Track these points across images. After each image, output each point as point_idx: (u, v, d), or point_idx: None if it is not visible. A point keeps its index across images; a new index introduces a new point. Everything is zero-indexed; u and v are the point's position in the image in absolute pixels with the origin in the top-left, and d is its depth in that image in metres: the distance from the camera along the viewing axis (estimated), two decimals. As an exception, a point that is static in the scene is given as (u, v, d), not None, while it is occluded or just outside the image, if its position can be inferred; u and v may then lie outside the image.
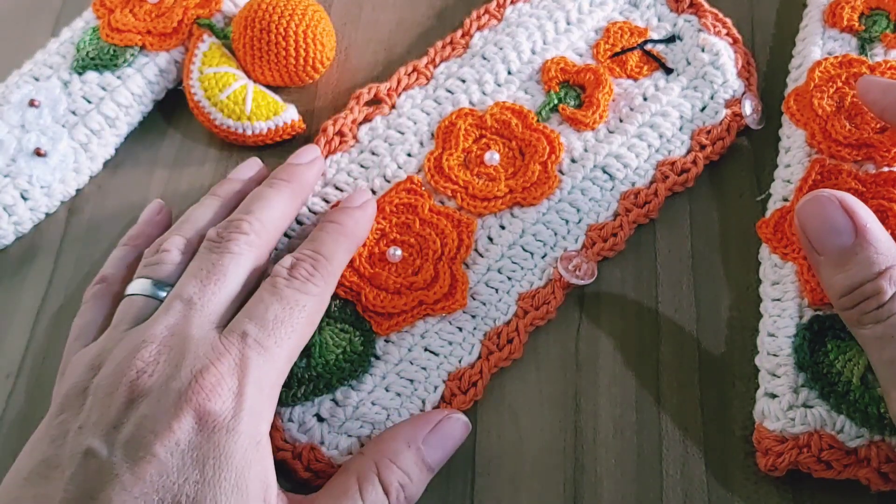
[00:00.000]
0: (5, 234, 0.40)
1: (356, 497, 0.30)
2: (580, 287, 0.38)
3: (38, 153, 0.40)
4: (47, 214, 0.41)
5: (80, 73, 0.42)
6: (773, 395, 0.33)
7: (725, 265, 0.38)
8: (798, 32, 0.44)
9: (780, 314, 0.35)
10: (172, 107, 0.43)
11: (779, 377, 0.33)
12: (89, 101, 0.41)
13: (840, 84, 0.39)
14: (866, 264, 0.30)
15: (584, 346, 0.36)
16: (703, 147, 0.40)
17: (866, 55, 0.41)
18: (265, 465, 0.29)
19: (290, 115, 0.41)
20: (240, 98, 0.41)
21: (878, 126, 0.38)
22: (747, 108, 0.41)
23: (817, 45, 0.42)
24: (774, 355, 0.34)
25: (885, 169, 0.36)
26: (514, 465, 0.34)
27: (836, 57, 0.41)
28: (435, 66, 0.43)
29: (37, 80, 0.42)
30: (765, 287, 0.36)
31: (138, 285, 0.33)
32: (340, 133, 0.41)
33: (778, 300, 0.35)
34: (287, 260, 0.33)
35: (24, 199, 0.40)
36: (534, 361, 0.36)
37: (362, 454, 0.32)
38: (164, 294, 0.33)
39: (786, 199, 0.38)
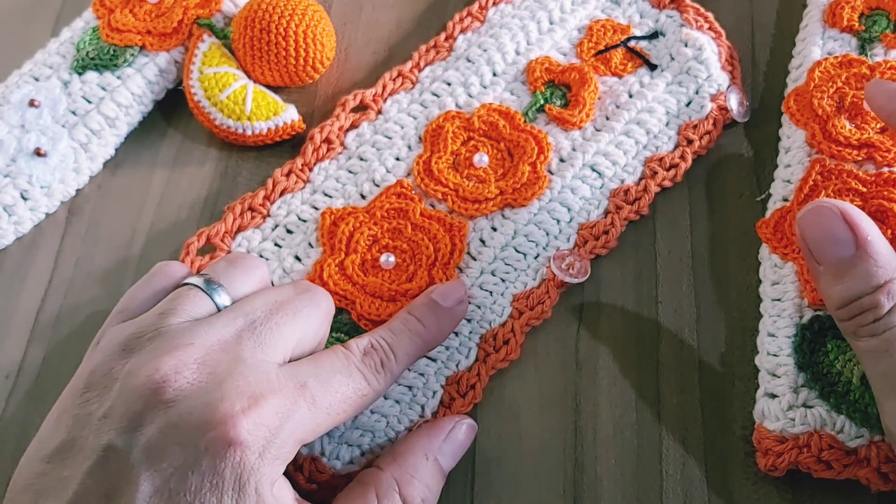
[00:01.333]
0: (5, 234, 0.40)
1: None
2: (577, 285, 0.38)
3: (38, 153, 0.40)
4: (47, 214, 0.41)
5: (80, 73, 0.42)
6: (773, 395, 0.33)
7: (725, 265, 0.38)
8: (798, 32, 0.44)
9: (780, 314, 0.35)
10: (172, 107, 0.43)
11: (779, 377, 0.33)
12: (89, 101, 0.41)
13: (840, 84, 0.39)
14: (865, 277, 0.29)
15: (583, 346, 0.36)
16: (690, 142, 0.40)
17: (866, 55, 0.41)
18: (283, 495, 0.28)
19: (290, 115, 0.41)
20: (240, 98, 0.41)
21: (879, 126, 0.38)
22: (732, 101, 0.41)
23: (817, 45, 0.42)
24: (774, 355, 0.34)
25: (886, 169, 0.36)
26: (514, 465, 0.34)
27: (836, 57, 0.41)
28: (420, 70, 0.43)
29: (37, 80, 0.42)
30: (765, 287, 0.36)
31: (198, 279, 0.31)
32: (328, 140, 0.41)
33: (778, 300, 0.35)
34: (364, 341, 0.32)
35: (24, 199, 0.40)
36: (533, 362, 0.36)
37: (380, 469, 0.31)
38: (221, 299, 0.31)
39: (786, 200, 0.38)
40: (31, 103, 0.41)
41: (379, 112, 0.42)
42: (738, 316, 0.37)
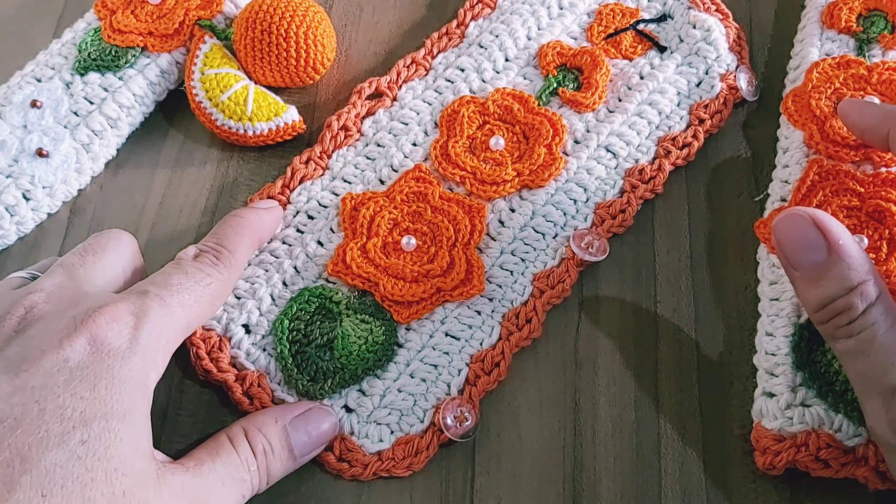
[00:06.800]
0: (7, 234, 0.40)
1: (230, 450, 0.31)
2: (577, 284, 0.38)
3: (40, 154, 0.40)
4: (49, 214, 0.41)
5: (81, 74, 0.42)
6: (772, 394, 0.33)
7: (724, 265, 0.38)
8: (796, 33, 0.44)
9: (778, 314, 0.35)
10: (174, 108, 0.44)
11: (777, 376, 0.33)
12: (91, 102, 0.41)
13: (838, 85, 0.40)
14: (839, 280, 0.30)
15: (583, 345, 0.37)
16: (701, 121, 0.41)
17: (864, 56, 0.41)
18: (147, 412, 0.29)
19: (290, 115, 0.42)
20: (241, 99, 0.41)
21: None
22: (742, 80, 0.42)
23: (815, 46, 0.42)
24: (772, 354, 0.34)
25: (884, 170, 0.37)
26: (514, 464, 0.34)
27: (834, 58, 0.41)
28: (433, 57, 0.44)
29: (39, 80, 0.42)
30: (763, 287, 0.36)
31: (15, 273, 0.34)
32: (345, 128, 0.41)
33: (776, 300, 0.35)
34: (191, 250, 0.34)
35: (27, 199, 0.40)
36: (533, 361, 0.36)
37: (231, 425, 0.32)
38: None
39: (784, 200, 0.38)
40: (34, 104, 0.41)
41: (394, 99, 0.42)
42: (736, 315, 0.37)
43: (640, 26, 0.44)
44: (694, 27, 0.43)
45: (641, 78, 0.42)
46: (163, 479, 0.28)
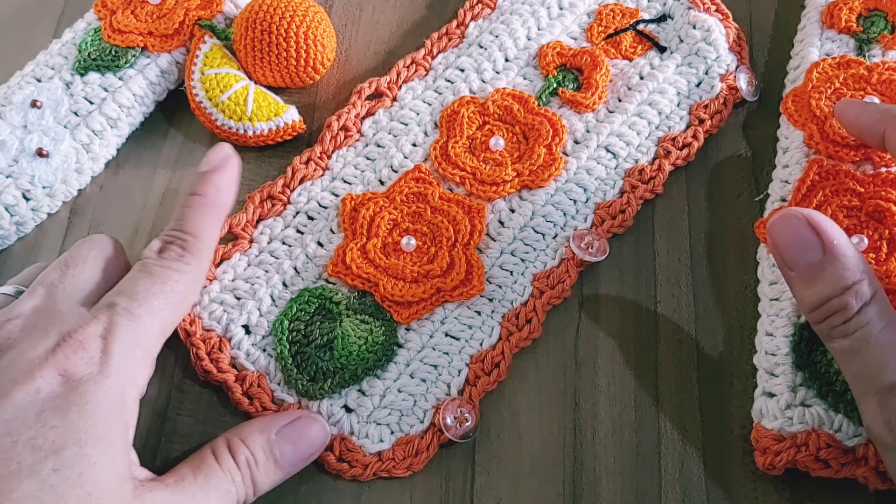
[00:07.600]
0: (7, 234, 0.40)
1: (213, 463, 0.31)
2: (578, 283, 0.38)
3: (40, 154, 0.40)
4: (49, 215, 0.41)
5: (81, 74, 0.42)
6: (771, 394, 0.33)
7: (724, 265, 0.38)
8: (796, 34, 0.44)
9: (778, 314, 0.35)
10: (174, 108, 0.44)
11: (777, 376, 0.33)
12: (91, 102, 0.41)
13: (838, 85, 0.40)
14: (833, 280, 0.30)
15: (583, 345, 0.37)
16: (701, 121, 0.41)
17: (864, 56, 0.41)
18: (129, 425, 0.29)
19: (290, 115, 0.42)
20: (241, 99, 0.41)
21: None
22: (742, 81, 0.42)
23: (815, 46, 0.42)
24: (772, 354, 0.34)
25: (884, 169, 0.37)
26: (514, 464, 0.34)
27: (834, 58, 0.41)
28: (433, 58, 0.44)
29: (39, 80, 0.42)
30: (763, 287, 0.36)
31: (2, 289, 0.34)
32: (345, 128, 0.41)
33: (776, 300, 0.35)
34: (155, 244, 0.33)
35: (27, 199, 0.40)
36: (533, 361, 0.36)
37: (217, 436, 0.32)
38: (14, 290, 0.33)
39: (784, 200, 0.38)
40: (34, 104, 0.41)
41: (394, 99, 0.42)
42: (736, 315, 0.37)
43: (640, 26, 0.44)
44: (694, 27, 0.43)
45: (641, 78, 0.42)
46: (140, 499, 0.28)
